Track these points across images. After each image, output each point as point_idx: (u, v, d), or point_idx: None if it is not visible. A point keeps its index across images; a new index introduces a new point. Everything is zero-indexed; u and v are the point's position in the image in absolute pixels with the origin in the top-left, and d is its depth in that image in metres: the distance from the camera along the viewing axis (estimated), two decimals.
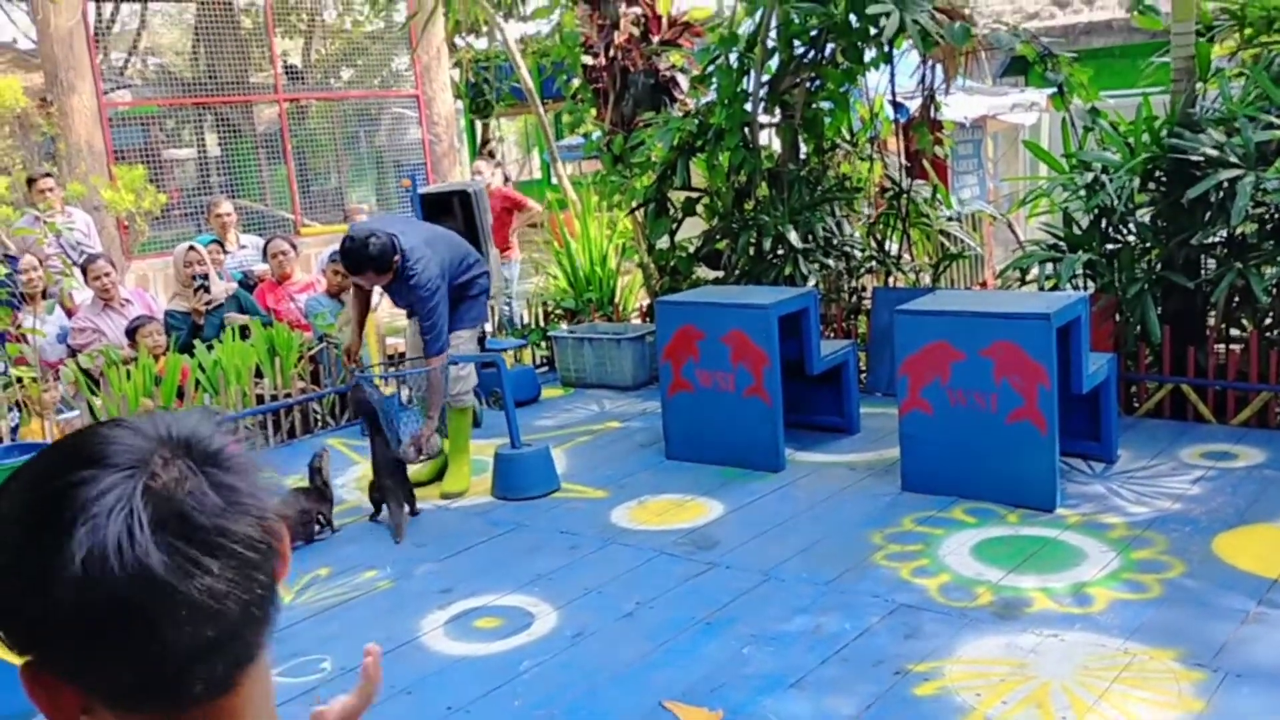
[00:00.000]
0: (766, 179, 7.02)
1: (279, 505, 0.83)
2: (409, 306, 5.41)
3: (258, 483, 0.82)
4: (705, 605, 3.99)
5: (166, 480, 0.78)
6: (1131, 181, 5.73)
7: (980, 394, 4.74)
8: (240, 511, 0.80)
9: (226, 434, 0.84)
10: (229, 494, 0.80)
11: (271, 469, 0.85)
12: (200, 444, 0.82)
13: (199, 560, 0.77)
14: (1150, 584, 3.94)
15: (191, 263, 6.95)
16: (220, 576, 0.77)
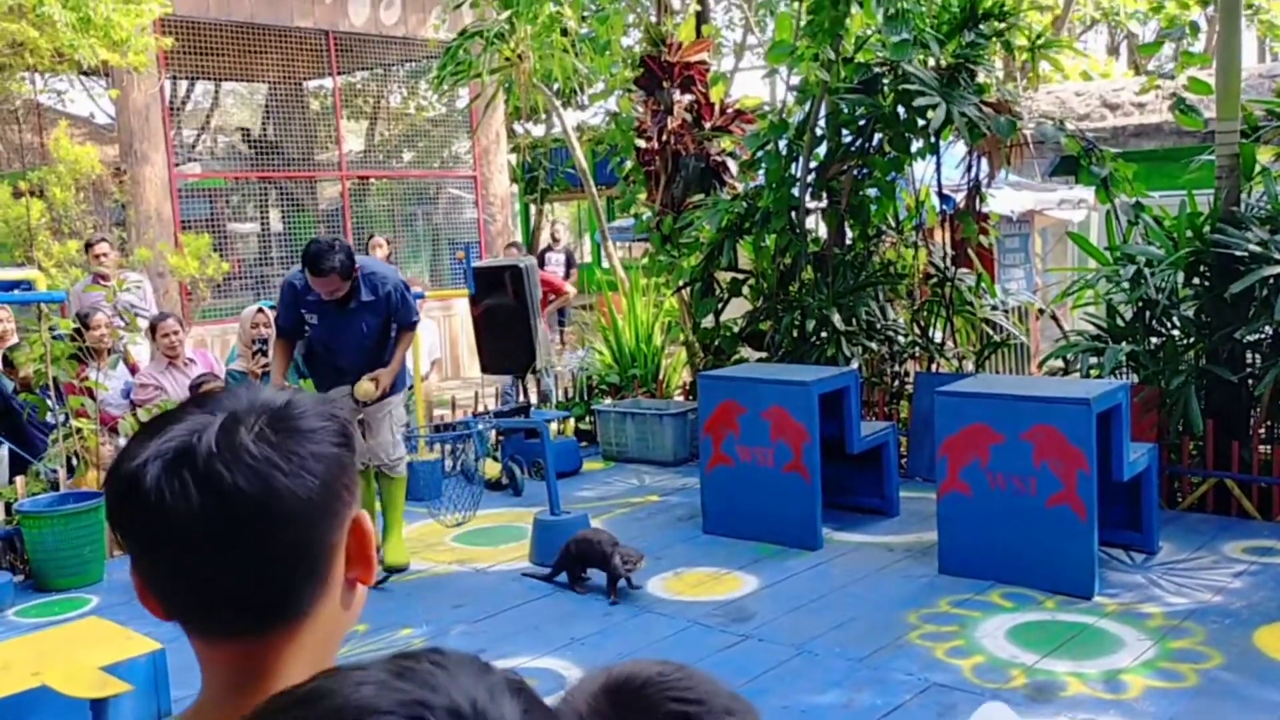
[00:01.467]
0: (811, 262, 7.15)
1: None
2: (367, 324, 5.15)
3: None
4: (737, 676, 4.00)
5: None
6: (1175, 275, 5.78)
7: (1019, 477, 4.76)
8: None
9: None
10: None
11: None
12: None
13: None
14: (1187, 673, 3.90)
15: (258, 324, 7.18)
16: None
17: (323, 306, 5.06)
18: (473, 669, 0.68)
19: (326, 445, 0.93)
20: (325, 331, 5.13)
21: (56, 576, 5.28)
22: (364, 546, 0.97)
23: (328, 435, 0.93)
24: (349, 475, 0.95)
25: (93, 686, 3.17)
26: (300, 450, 0.91)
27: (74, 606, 5.06)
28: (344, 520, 0.95)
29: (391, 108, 15.76)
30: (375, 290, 5.10)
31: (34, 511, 5.33)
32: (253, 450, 0.89)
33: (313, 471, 0.91)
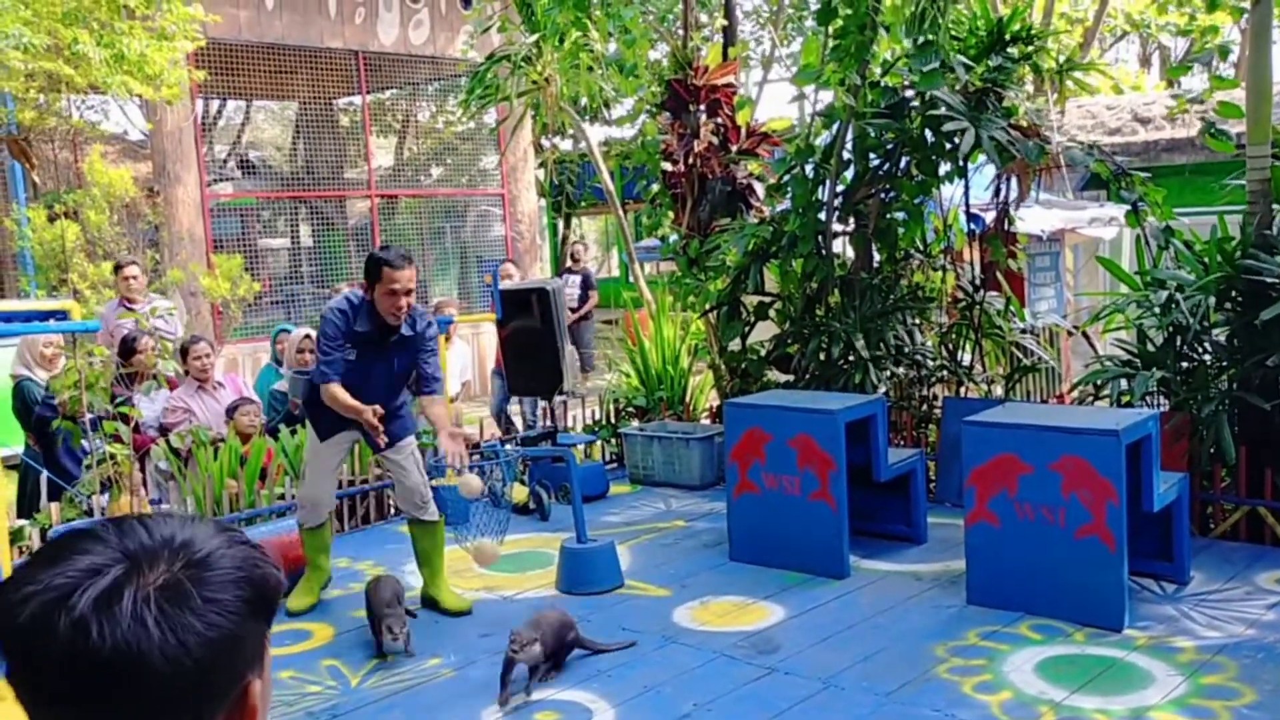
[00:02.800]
0: (839, 286, 7.14)
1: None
2: (399, 363, 5.08)
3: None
4: (763, 710, 4.00)
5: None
6: (1206, 301, 5.73)
7: (1048, 508, 4.73)
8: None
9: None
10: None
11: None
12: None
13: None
14: (1219, 710, 3.86)
15: (303, 350, 7.25)
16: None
17: (364, 339, 4.97)
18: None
19: (225, 619, 0.89)
20: (359, 368, 5.00)
21: None
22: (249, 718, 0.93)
23: (229, 608, 0.90)
24: (247, 651, 0.92)
25: None
26: (187, 624, 0.87)
27: None
28: (227, 697, 0.91)
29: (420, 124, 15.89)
30: (414, 325, 5.04)
31: None
32: (132, 613, 0.86)
33: (193, 652, 0.87)
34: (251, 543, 0.97)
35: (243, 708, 0.92)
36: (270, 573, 0.95)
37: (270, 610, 0.95)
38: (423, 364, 5.12)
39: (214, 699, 0.90)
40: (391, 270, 4.80)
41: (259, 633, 0.93)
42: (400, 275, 4.80)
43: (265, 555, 0.97)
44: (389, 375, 5.10)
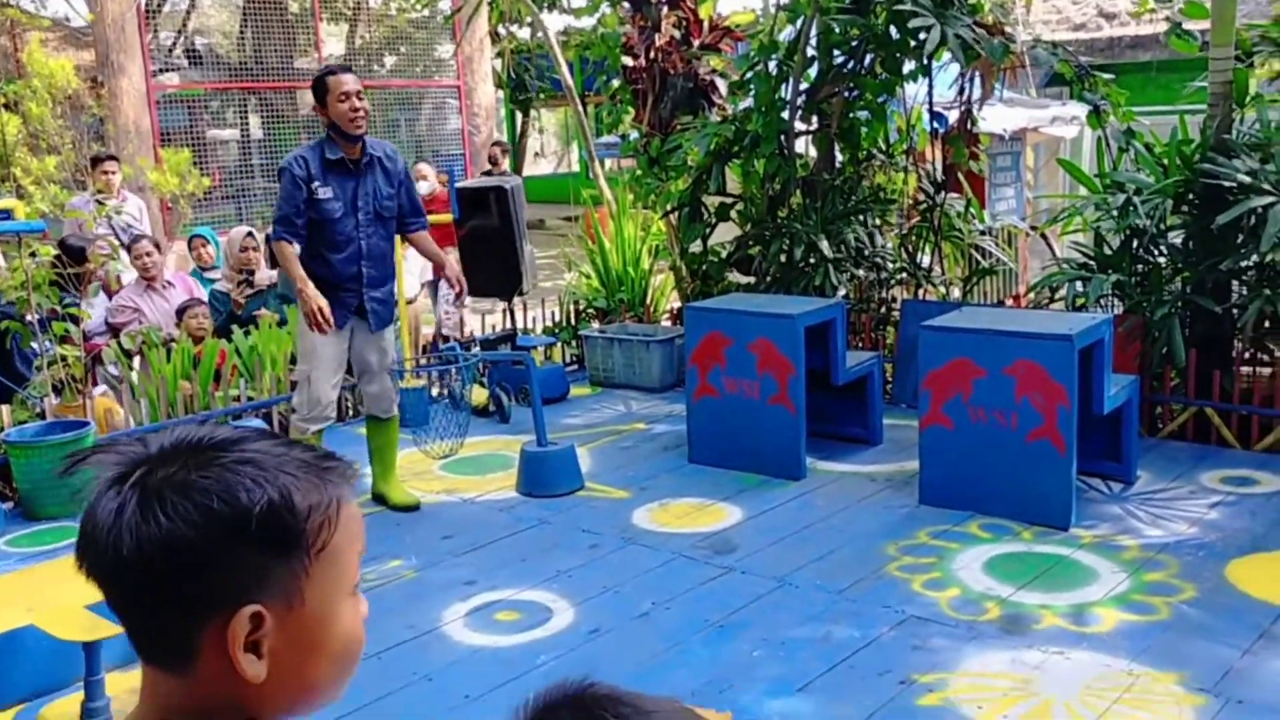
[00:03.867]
0: (801, 187, 7.09)
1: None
2: (382, 190, 4.99)
3: None
4: (719, 609, 4.09)
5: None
6: (1163, 204, 5.76)
7: (1001, 411, 4.80)
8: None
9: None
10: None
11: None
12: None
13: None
14: (1159, 606, 3.99)
15: (246, 249, 7.12)
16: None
17: (336, 172, 4.87)
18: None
19: (198, 532, 0.89)
20: (340, 202, 4.87)
21: (46, 506, 5.32)
22: (233, 651, 0.91)
23: (187, 517, 0.89)
24: (220, 569, 0.90)
25: (84, 629, 3.21)
26: (167, 527, 0.89)
27: (65, 536, 5.10)
28: (205, 609, 0.90)
29: (372, 10, 15.39)
30: (384, 151, 5.02)
31: (21, 441, 5.35)
32: (137, 508, 0.90)
33: (168, 552, 0.89)
34: (299, 454, 0.95)
35: (223, 634, 0.90)
36: (280, 493, 0.91)
37: (275, 532, 0.91)
38: (404, 198, 5.08)
39: (184, 605, 0.90)
40: (336, 77, 4.79)
41: (252, 557, 0.90)
42: (346, 78, 4.80)
43: (300, 470, 0.94)
44: (373, 207, 4.95)
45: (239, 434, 0.96)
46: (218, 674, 0.91)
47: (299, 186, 4.83)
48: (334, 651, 0.97)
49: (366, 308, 5.03)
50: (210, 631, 0.90)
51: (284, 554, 0.92)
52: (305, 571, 0.93)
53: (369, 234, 4.97)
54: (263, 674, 0.92)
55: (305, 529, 0.92)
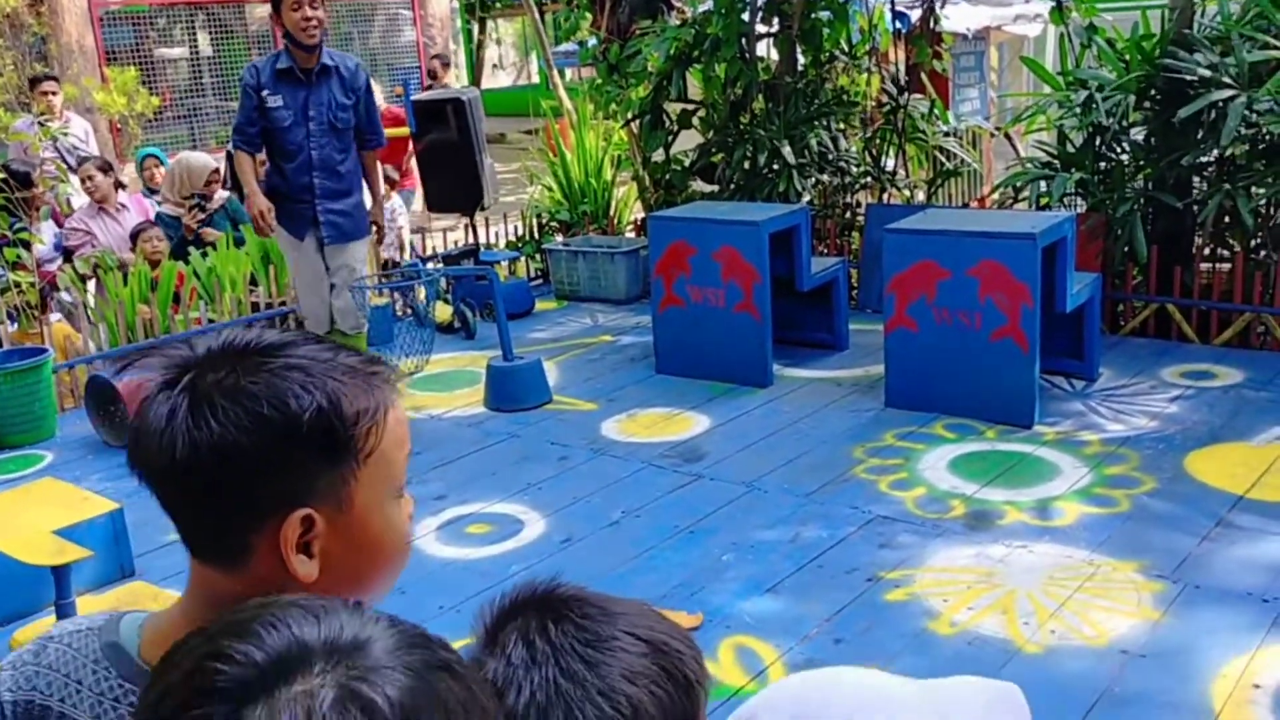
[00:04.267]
0: (763, 91, 6.99)
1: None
2: (336, 102, 4.97)
3: None
4: (689, 515, 4.13)
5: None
6: (1126, 100, 5.73)
7: (965, 312, 4.82)
8: None
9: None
10: None
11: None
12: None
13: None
14: (1120, 499, 4.07)
15: (212, 182, 6.97)
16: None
17: (287, 81, 4.91)
18: (396, 631, 0.73)
19: (251, 438, 0.90)
20: (290, 111, 4.90)
21: (8, 433, 5.26)
22: (287, 551, 0.93)
23: (238, 421, 0.90)
24: (274, 474, 0.91)
25: (51, 554, 3.20)
26: (220, 434, 0.90)
27: (28, 463, 5.06)
28: (259, 511, 0.92)
29: None
30: (339, 60, 4.99)
31: None
32: (191, 414, 0.91)
33: (199, 447, 0.90)
34: (347, 360, 0.96)
35: (276, 535, 0.92)
36: (330, 399, 0.92)
37: (325, 438, 0.91)
38: (362, 114, 5.05)
39: (238, 507, 0.92)
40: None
41: (304, 461, 0.91)
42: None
43: (348, 378, 0.94)
44: (326, 118, 4.95)
45: (286, 338, 0.96)
46: (270, 572, 0.93)
47: (249, 95, 4.92)
48: (383, 551, 0.99)
49: (320, 219, 5.04)
50: (263, 533, 0.92)
51: (333, 459, 0.93)
52: (354, 475, 0.94)
53: (321, 144, 4.96)
54: (314, 574, 0.93)
55: (354, 434, 0.93)
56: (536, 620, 0.97)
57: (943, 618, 3.33)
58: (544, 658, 0.94)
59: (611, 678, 0.93)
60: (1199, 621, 3.24)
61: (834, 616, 3.37)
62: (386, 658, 0.69)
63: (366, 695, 0.66)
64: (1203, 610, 3.29)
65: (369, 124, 5.11)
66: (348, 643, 0.69)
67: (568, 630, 0.96)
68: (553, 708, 0.91)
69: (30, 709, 0.98)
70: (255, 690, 0.66)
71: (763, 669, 3.10)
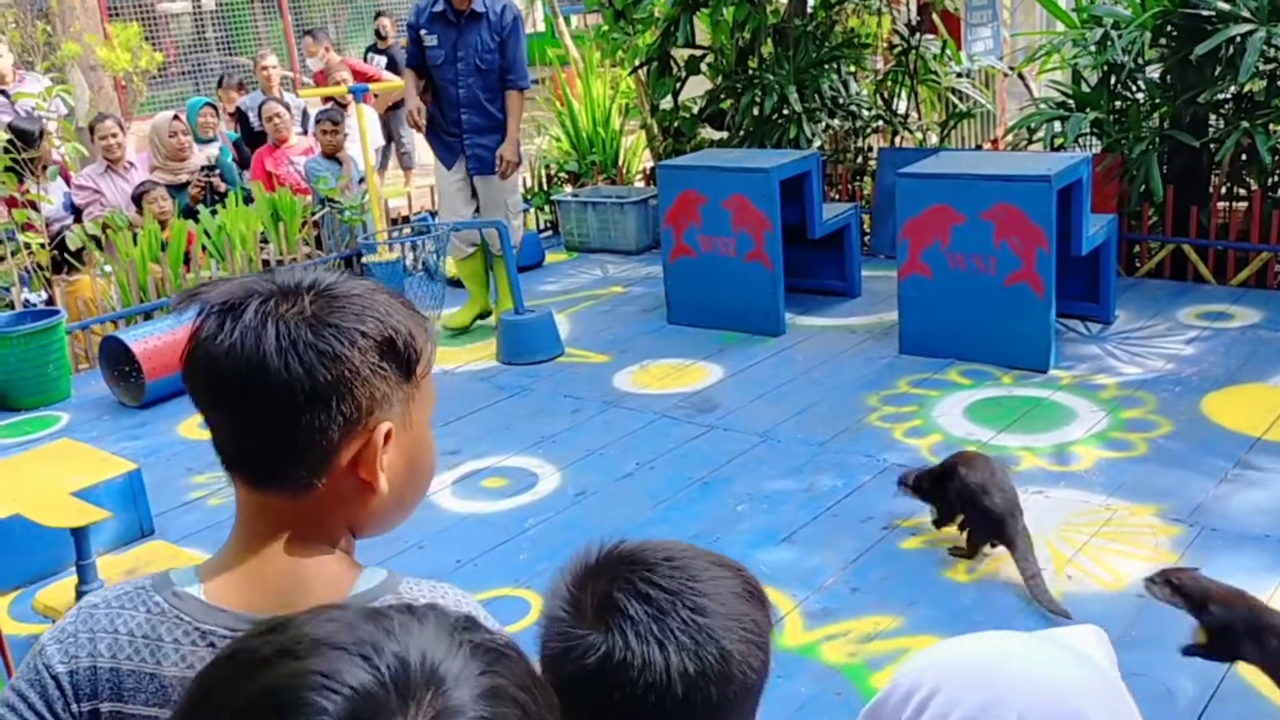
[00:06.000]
0: (771, 35, 6.88)
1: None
2: (483, 43, 5.36)
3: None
4: (703, 466, 4.13)
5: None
6: (1142, 37, 5.62)
7: (979, 257, 4.78)
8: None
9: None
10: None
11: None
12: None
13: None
14: (1137, 443, 4.05)
15: (176, 133, 6.93)
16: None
17: (441, 22, 5.30)
18: (442, 627, 0.69)
19: (345, 348, 0.97)
20: (443, 50, 5.32)
21: (23, 396, 5.29)
22: (373, 456, 1.01)
23: (351, 340, 0.98)
24: (370, 384, 0.99)
25: (71, 515, 3.22)
26: (314, 343, 0.96)
27: (44, 425, 5.09)
28: (353, 422, 0.99)
29: None
30: (489, 4, 5.30)
31: None
32: (274, 326, 0.96)
33: (307, 365, 0.96)
34: (396, 295, 1.05)
35: (368, 443, 1.00)
36: (400, 323, 1.01)
37: (400, 357, 1.00)
38: (509, 52, 5.35)
39: (333, 418, 0.97)
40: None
41: (388, 377, 1.00)
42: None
43: (404, 307, 1.04)
44: (472, 59, 5.32)
45: (347, 280, 1.03)
46: (338, 490, 1.01)
47: (410, 30, 5.47)
48: (426, 471, 1.09)
49: (467, 151, 5.53)
50: (348, 445, 0.99)
51: (405, 379, 1.02)
52: (415, 396, 1.04)
53: (468, 84, 5.38)
54: (386, 488, 1.02)
55: (418, 358, 1.03)
56: (629, 582, 1.01)
57: (959, 565, 3.32)
58: (663, 608, 0.98)
59: (724, 604, 1.00)
60: (1216, 565, 3.22)
61: (850, 565, 3.37)
62: (467, 691, 0.65)
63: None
64: (1220, 553, 3.28)
65: (512, 65, 5.40)
66: (425, 678, 0.64)
67: (667, 581, 1.00)
68: (697, 648, 0.96)
69: (94, 675, 0.99)
70: None
71: (779, 618, 3.11)
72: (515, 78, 5.42)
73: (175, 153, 6.96)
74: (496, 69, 5.36)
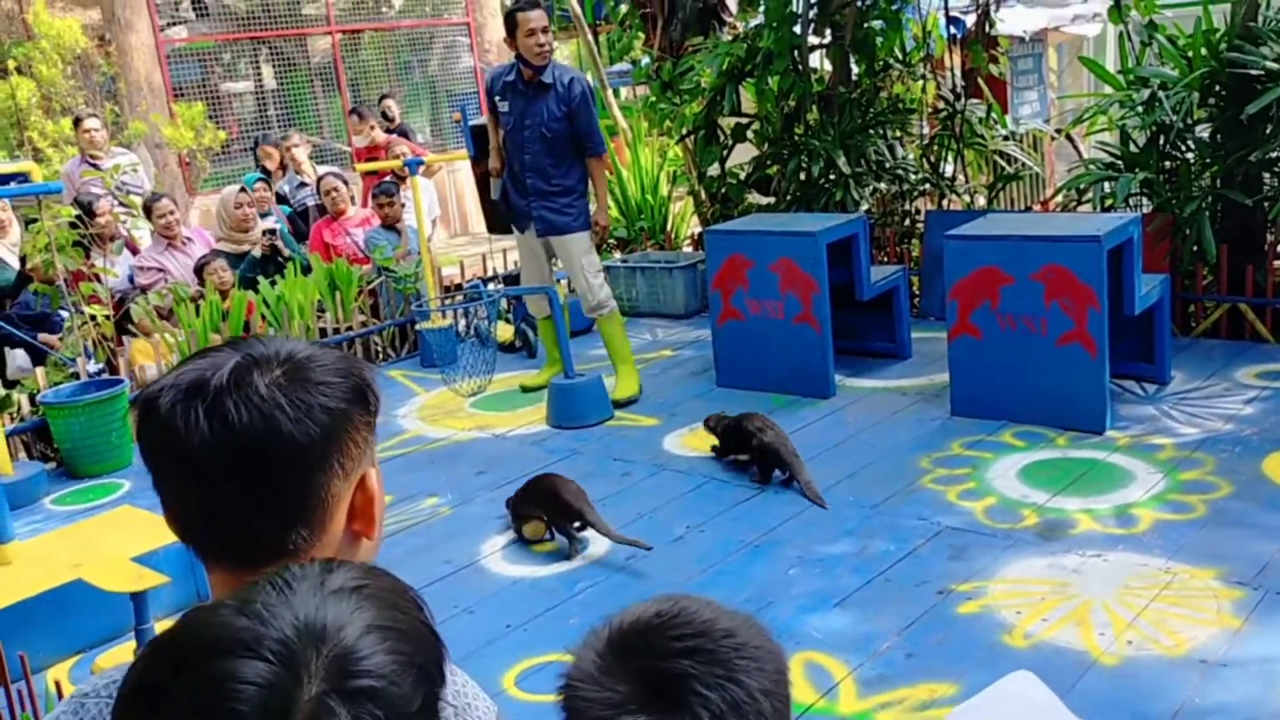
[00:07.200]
0: (817, 102, 6.97)
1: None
2: (549, 112, 5.43)
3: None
4: (754, 529, 4.11)
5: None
6: (1190, 97, 5.61)
7: (1030, 318, 4.75)
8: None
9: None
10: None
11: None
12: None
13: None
14: (1196, 504, 3.97)
15: (241, 204, 7.15)
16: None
17: (512, 91, 5.46)
18: (312, 582, 0.75)
19: (335, 400, 0.98)
20: (512, 116, 5.48)
21: (86, 463, 5.41)
22: (368, 503, 1.02)
23: (338, 391, 0.98)
24: (358, 432, 1.00)
25: (130, 580, 3.28)
26: (308, 400, 0.96)
27: (107, 492, 5.20)
28: (348, 473, 1.00)
29: None
30: (558, 77, 5.41)
31: (58, 402, 5.42)
32: (262, 392, 0.95)
33: (317, 421, 0.96)
34: (340, 349, 1.09)
35: (364, 491, 1.02)
36: (363, 367, 1.04)
37: (368, 403, 1.02)
38: (578, 123, 5.45)
39: (337, 475, 0.98)
40: (524, 14, 5.29)
41: (365, 424, 1.01)
42: (532, 15, 5.30)
43: (357, 357, 1.08)
44: (539, 128, 5.43)
45: (287, 341, 1.04)
46: (332, 547, 1.00)
47: (489, 97, 5.66)
48: (383, 509, 1.08)
49: (533, 214, 5.60)
50: (345, 497, 1.00)
51: (371, 424, 1.03)
52: (372, 439, 1.05)
53: (534, 150, 5.49)
54: (378, 535, 1.05)
55: (377, 401, 1.05)
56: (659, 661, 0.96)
57: (1017, 630, 3.27)
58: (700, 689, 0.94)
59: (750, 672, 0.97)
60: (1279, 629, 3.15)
61: (905, 630, 3.32)
62: (352, 632, 0.71)
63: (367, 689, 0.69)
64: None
65: (586, 135, 5.50)
66: (310, 641, 0.70)
67: (703, 657, 0.96)
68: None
69: None
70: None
71: (833, 685, 3.07)
72: (591, 146, 5.52)
73: (239, 223, 7.17)
74: (562, 138, 5.46)
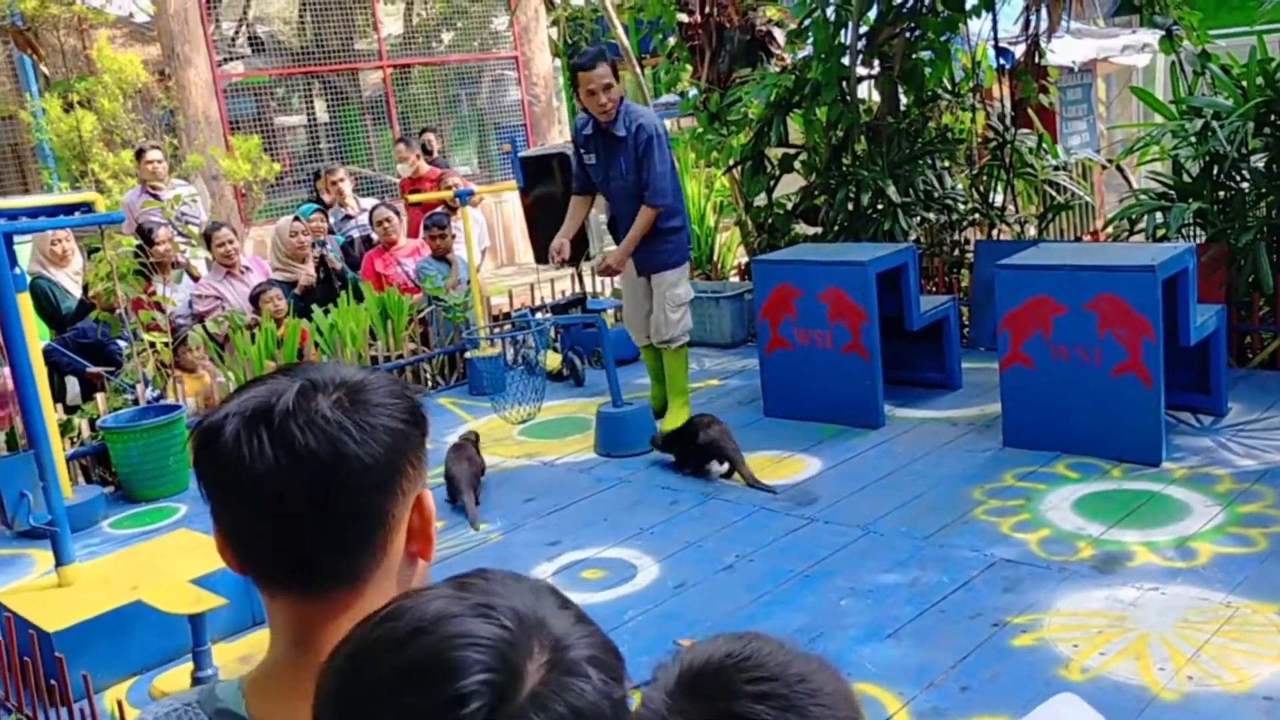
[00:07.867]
0: (865, 133, 6.98)
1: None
2: (625, 162, 5.41)
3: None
4: (804, 559, 4.09)
5: None
6: (1245, 127, 5.56)
7: (1084, 348, 4.71)
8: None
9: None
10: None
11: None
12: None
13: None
14: (1256, 538, 3.90)
15: (296, 232, 7.28)
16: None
17: (594, 142, 5.46)
18: (514, 580, 0.79)
19: (395, 421, 0.98)
20: (600, 169, 5.51)
21: (144, 488, 5.51)
22: (425, 523, 1.03)
23: (397, 412, 0.99)
24: (415, 452, 1.01)
25: (189, 602, 3.33)
26: (371, 421, 0.96)
27: (164, 516, 5.28)
28: (407, 494, 1.00)
29: None
30: (629, 126, 5.39)
31: (118, 427, 5.53)
32: (327, 415, 0.95)
33: (379, 442, 0.96)
34: (394, 384, 1.07)
35: (422, 512, 1.02)
36: (407, 388, 1.04)
37: (421, 424, 1.03)
38: (641, 172, 5.42)
39: (398, 497, 0.99)
40: (584, 73, 5.27)
41: (420, 444, 1.02)
42: (592, 74, 5.25)
43: (406, 380, 1.11)
44: (622, 176, 5.46)
45: (341, 367, 1.04)
46: (390, 570, 1.00)
47: (575, 152, 5.67)
48: (435, 531, 1.08)
49: (634, 255, 5.58)
50: (405, 520, 1.01)
51: (424, 445, 1.04)
52: (426, 460, 1.05)
53: (619, 196, 5.53)
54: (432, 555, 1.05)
55: (428, 423, 1.05)
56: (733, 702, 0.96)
57: (1073, 664, 3.22)
58: None
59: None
60: None
61: (959, 663, 3.29)
62: (562, 626, 0.76)
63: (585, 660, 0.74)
64: None
65: (645, 183, 5.45)
66: (535, 621, 0.75)
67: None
68: None
69: None
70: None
71: (887, 718, 3.04)
72: (648, 195, 5.41)
73: (295, 251, 7.30)
74: (637, 185, 5.46)
